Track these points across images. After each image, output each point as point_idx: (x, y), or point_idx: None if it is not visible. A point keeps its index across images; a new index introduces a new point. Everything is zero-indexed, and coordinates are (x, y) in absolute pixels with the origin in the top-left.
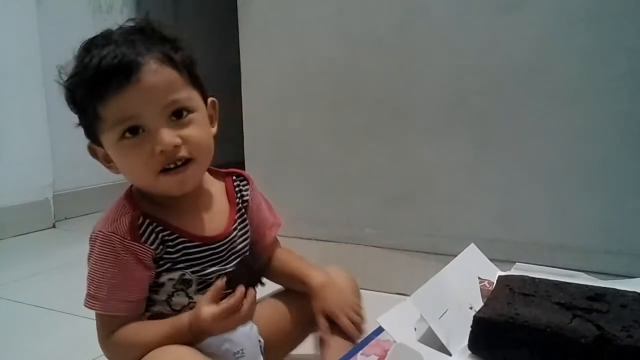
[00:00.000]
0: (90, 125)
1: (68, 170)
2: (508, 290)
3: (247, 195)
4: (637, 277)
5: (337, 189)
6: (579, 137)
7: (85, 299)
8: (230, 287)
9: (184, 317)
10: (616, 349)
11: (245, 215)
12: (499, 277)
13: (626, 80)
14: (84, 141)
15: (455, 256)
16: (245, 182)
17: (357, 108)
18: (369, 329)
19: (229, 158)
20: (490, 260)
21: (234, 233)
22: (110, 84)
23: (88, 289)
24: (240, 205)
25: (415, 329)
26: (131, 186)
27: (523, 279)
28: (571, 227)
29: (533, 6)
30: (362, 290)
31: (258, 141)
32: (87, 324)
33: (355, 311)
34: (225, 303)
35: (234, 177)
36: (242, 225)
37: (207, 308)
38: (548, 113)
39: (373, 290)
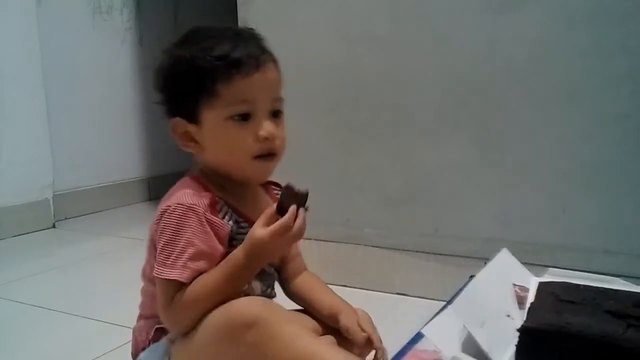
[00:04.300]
0: (194, 99)
1: (68, 170)
2: (553, 297)
3: None
4: (637, 277)
5: (337, 189)
6: (579, 137)
7: (158, 269)
8: (279, 213)
9: (237, 252)
10: None
11: None
12: (540, 283)
13: (626, 80)
14: (84, 141)
15: (456, 256)
16: None
17: (357, 108)
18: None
19: None
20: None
21: None
22: (241, 67)
23: (164, 260)
24: None
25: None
26: (191, 173)
27: (567, 285)
28: (571, 227)
29: (532, 6)
30: (362, 291)
31: None
32: (87, 324)
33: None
34: (280, 221)
35: (273, 187)
36: None
37: (260, 229)
38: (548, 113)
39: (373, 290)
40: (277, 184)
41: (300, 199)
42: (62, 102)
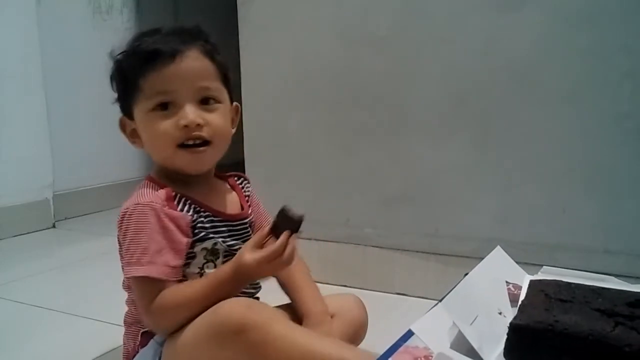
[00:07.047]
0: (129, 96)
1: (68, 170)
2: (543, 295)
3: (248, 191)
4: (637, 277)
5: (337, 189)
6: (579, 137)
7: (126, 269)
8: (273, 234)
9: (225, 267)
10: None
11: (250, 207)
12: (532, 281)
13: (626, 80)
14: (84, 141)
15: (456, 256)
16: (246, 182)
17: (357, 108)
18: (372, 329)
19: (229, 158)
20: None
21: (250, 217)
22: (155, 61)
23: (129, 259)
24: (247, 198)
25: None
26: (149, 174)
27: (558, 283)
28: (571, 227)
29: (533, 6)
30: (362, 291)
31: (258, 141)
32: (87, 324)
33: None
34: (270, 247)
35: (235, 178)
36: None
37: (250, 253)
38: (548, 113)
39: (373, 290)
40: (238, 175)
41: (295, 224)
42: (62, 102)
